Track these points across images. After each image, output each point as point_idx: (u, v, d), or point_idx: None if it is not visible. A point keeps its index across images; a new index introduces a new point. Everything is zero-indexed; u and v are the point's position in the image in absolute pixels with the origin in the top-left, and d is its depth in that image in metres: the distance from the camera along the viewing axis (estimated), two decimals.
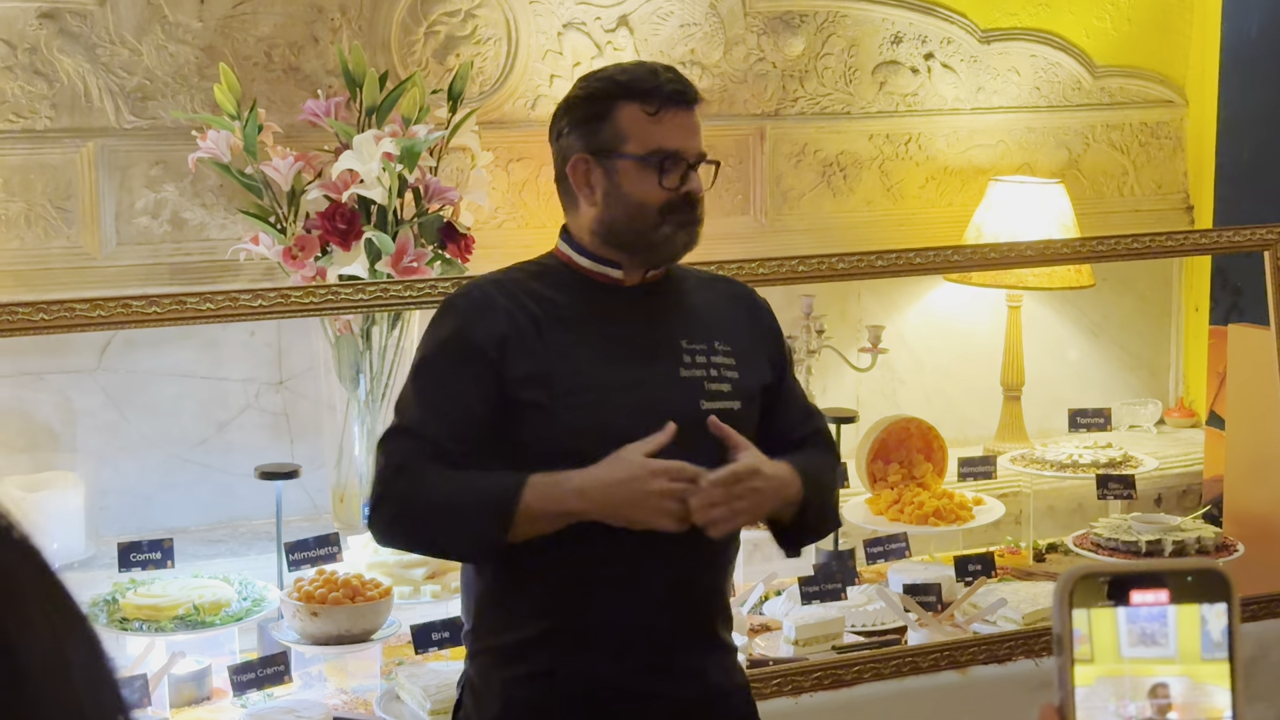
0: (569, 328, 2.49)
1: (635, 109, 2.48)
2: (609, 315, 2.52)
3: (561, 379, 2.45)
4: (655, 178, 2.48)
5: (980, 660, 3.48)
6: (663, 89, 2.48)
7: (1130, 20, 5.02)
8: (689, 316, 2.57)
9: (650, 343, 2.52)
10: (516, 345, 2.45)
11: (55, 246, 3.86)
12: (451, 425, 2.43)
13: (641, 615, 2.47)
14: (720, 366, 2.54)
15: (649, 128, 2.48)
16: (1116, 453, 4.28)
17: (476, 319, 2.47)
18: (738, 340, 2.59)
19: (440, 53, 4.18)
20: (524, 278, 2.55)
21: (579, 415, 2.44)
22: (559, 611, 2.46)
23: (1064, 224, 4.61)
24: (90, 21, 3.85)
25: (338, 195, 3.71)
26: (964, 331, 4.85)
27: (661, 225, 2.48)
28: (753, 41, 4.53)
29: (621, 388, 2.47)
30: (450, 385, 2.45)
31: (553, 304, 2.50)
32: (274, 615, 3.27)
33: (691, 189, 2.50)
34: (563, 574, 2.44)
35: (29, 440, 3.85)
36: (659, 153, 2.48)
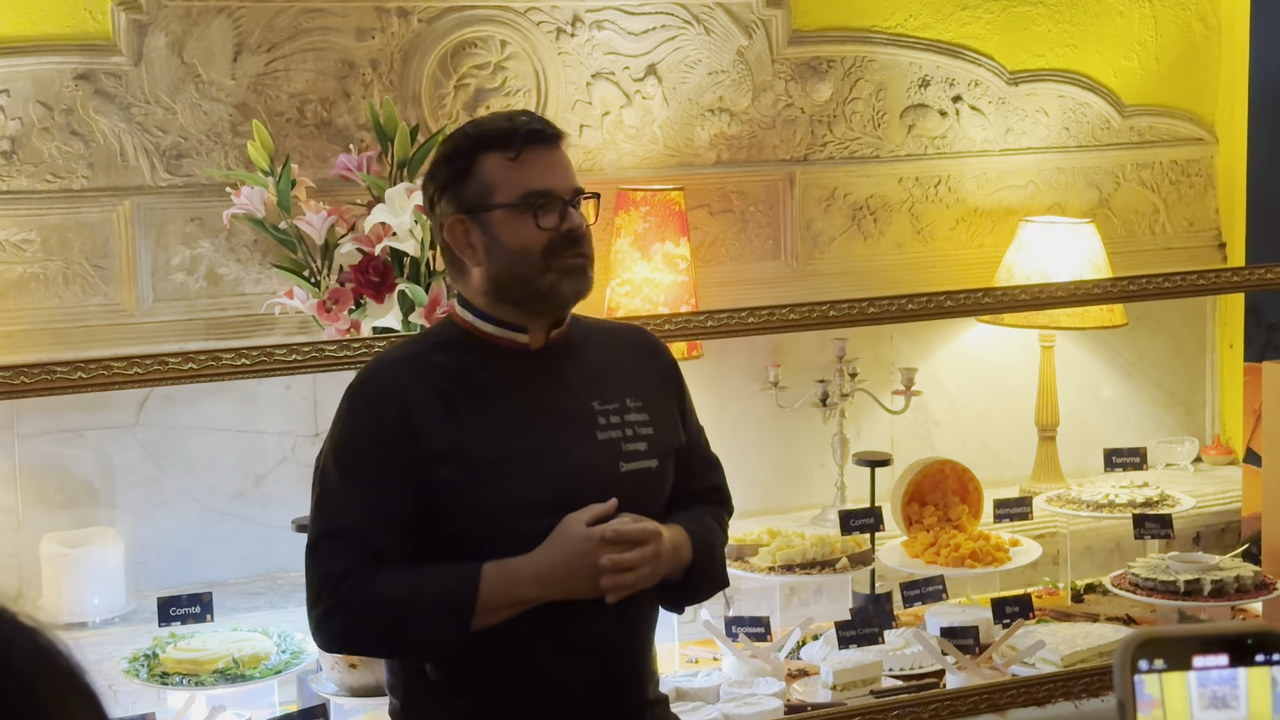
0: (479, 400, 2.43)
1: (496, 157, 2.44)
2: (518, 383, 2.46)
3: (478, 454, 2.39)
4: (531, 221, 2.43)
5: (1019, 703, 3.47)
6: (519, 131, 2.44)
7: (1158, 59, 5.02)
8: (597, 376, 2.52)
9: (562, 408, 2.47)
10: (428, 424, 2.39)
11: (93, 304, 3.90)
12: (381, 520, 2.38)
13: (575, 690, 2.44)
14: (634, 425, 2.50)
15: (513, 172, 2.43)
16: (1153, 492, 4.26)
17: (385, 404, 2.41)
18: (647, 394, 2.54)
19: (471, 105, 4.21)
20: (425, 350, 2.49)
21: (500, 490, 2.39)
22: (492, 691, 2.43)
23: (1096, 263, 4.61)
24: (125, 82, 3.90)
25: (371, 248, 3.74)
26: (997, 372, 4.85)
27: (546, 272, 2.43)
28: (781, 88, 4.56)
29: (539, 457, 2.42)
30: (372, 478, 2.39)
31: (459, 376, 2.44)
32: (313, 667, 3.28)
33: (572, 225, 2.45)
34: (491, 654, 2.40)
35: (69, 496, 3.88)
36: (529, 195, 2.43)
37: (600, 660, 2.46)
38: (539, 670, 2.42)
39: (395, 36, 4.13)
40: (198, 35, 3.94)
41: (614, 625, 2.45)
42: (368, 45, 4.10)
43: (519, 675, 2.42)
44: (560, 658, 2.42)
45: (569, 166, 2.50)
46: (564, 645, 2.42)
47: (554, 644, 2.42)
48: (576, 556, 2.36)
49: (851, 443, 4.40)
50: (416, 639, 2.37)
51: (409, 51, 4.14)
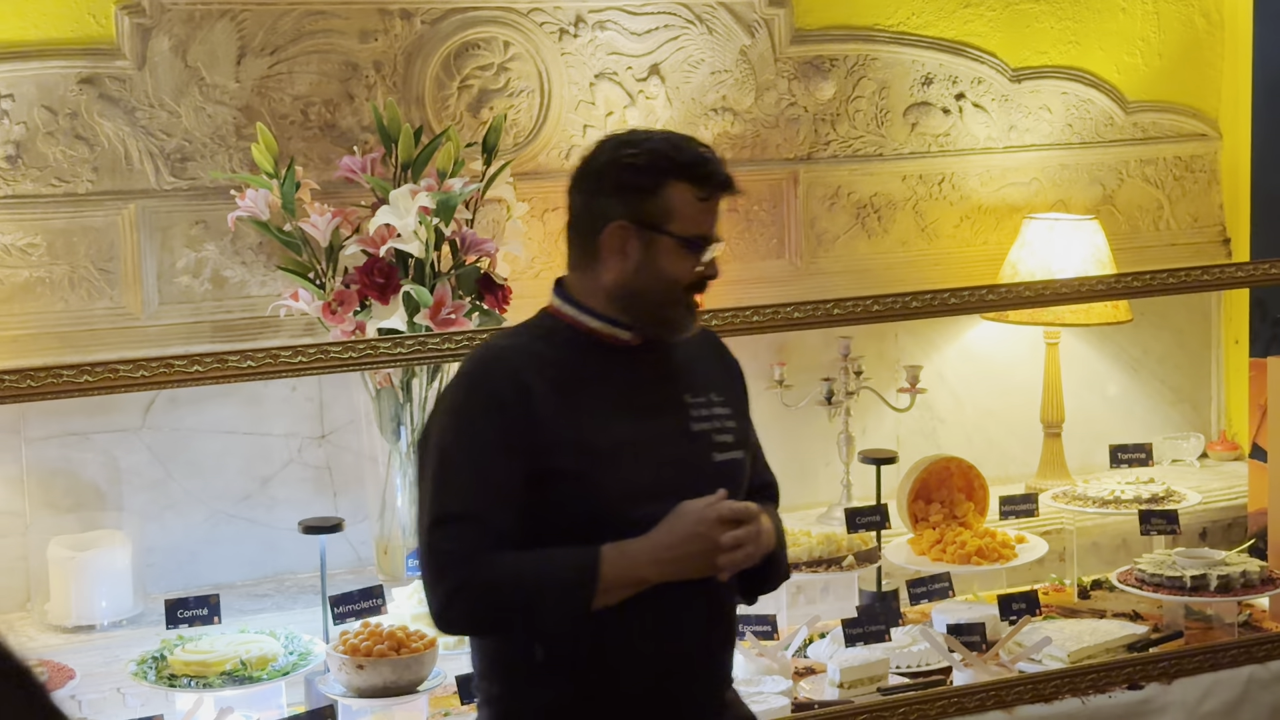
0: (590, 390, 2.50)
1: (687, 190, 2.49)
2: (620, 376, 2.53)
3: (591, 443, 2.45)
4: (692, 260, 2.51)
5: (1026, 699, 3.47)
6: (716, 176, 2.52)
7: (1161, 55, 5.02)
8: (685, 371, 2.60)
9: (660, 400, 2.55)
10: (545, 412, 2.44)
11: (99, 308, 3.91)
12: (502, 503, 2.42)
13: (677, 665, 2.50)
14: (720, 418, 2.58)
15: (697, 211, 2.51)
16: (1159, 488, 4.26)
17: (505, 389, 2.45)
18: (725, 390, 2.63)
19: (474, 106, 4.22)
20: (530, 341, 2.54)
21: (614, 476, 2.45)
22: (595, 670, 2.47)
23: (1100, 260, 4.61)
24: (129, 85, 3.90)
25: (375, 250, 3.74)
26: (1002, 369, 4.85)
27: (679, 304, 2.53)
28: (784, 87, 4.56)
29: (647, 445, 2.49)
30: (488, 462, 2.43)
31: (566, 367, 2.50)
32: (320, 669, 3.29)
33: (712, 272, 2.56)
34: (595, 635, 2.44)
35: (76, 500, 3.89)
36: (701, 238, 2.51)
37: (696, 643, 2.53)
38: (638, 651, 2.48)
39: (398, 38, 4.13)
40: (201, 38, 3.95)
41: (709, 610, 2.54)
42: (371, 47, 4.11)
43: (620, 656, 2.48)
44: (658, 640, 2.49)
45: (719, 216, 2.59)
46: (663, 628, 2.48)
47: (655, 627, 2.48)
48: (695, 537, 2.43)
49: (857, 440, 4.40)
50: (541, 619, 2.42)
51: (412, 53, 4.15)
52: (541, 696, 2.50)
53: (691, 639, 2.51)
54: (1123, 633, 3.75)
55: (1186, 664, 3.61)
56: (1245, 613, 3.91)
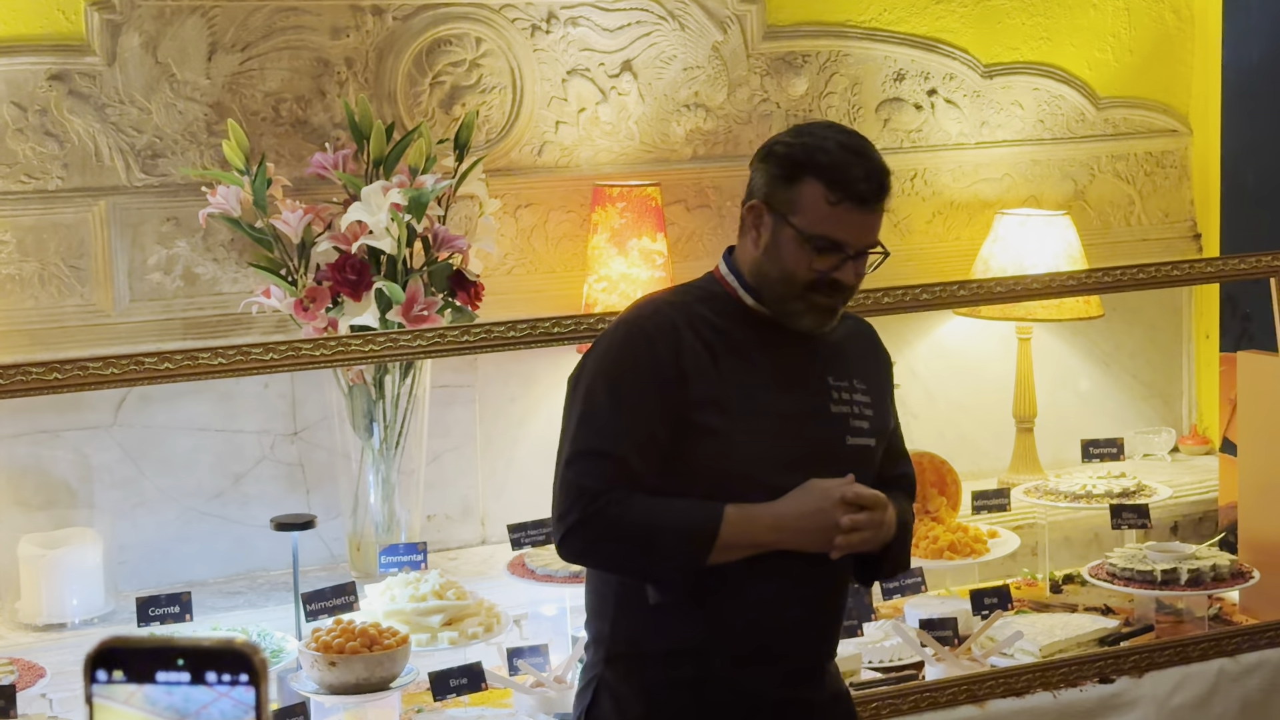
0: (741, 356, 2.57)
1: (819, 188, 2.53)
2: (772, 347, 2.60)
3: (736, 404, 2.53)
4: (810, 257, 2.54)
5: (998, 694, 3.48)
6: (852, 186, 2.53)
7: (1132, 51, 5.04)
8: (834, 355, 2.66)
9: (805, 377, 2.61)
10: (694, 369, 2.53)
11: (69, 305, 3.90)
12: (641, 448, 2.51)
13: (789, 631, 2.59)
14: (860, 404, 2.65)
15: (824, 212, 2.53)
16: (1130, 482, 4.28)
17: (661, 340, 2.54)
18: (870, 379, 2.70)
19: (446, 102, 4.21)
20: (693, 302, 2.62)
21: (750, 441, 2.53)
22: (708, 623, 2.55)
23: (1071, 255, 4.62)
24: (99, 82, 3.89)
25: (347, 246, 3.73)
26: (975, 364, 4.86)
27: (798, 300, 2.56)
28: (756, 83, 4.57)
29: (787, 417, 2.57)
30: (635, 406, 2.52)
31: (724, 332, 2.58)
32: (293, 666, 3.28)
33: (841, 277, 2.56)
34: (713, 587, 2.53)
35: (47, 498, 3.87)
36: (822, 240, 2.53)
37: (806, 613, 2.60)
38: (747, 612, 2.55)
39: (370, 34, 4.13)
40: (172, 35, 3.94)
41: (825, 584, 2.62)
42: (342, 43, 4.10)
43: (730, 614, 2.54)
44: (773, 605, 2.56)
45: (873, 228, 2.58)
46: (780, 594, 2.55)
47: (771, 591, 2.55)
48: (817, 513, 2.52)
49: None
50: (657, 562, 2.50)
51: (384, 49, 4.14)
52: (649, 641, 2.57)
53: (799, 609, 2.58)
54: (1094, 627, 3.77)
55: (1157, 658, 3.63)
56: (1216, 606, 3.93)
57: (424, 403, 3.92)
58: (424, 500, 4.00)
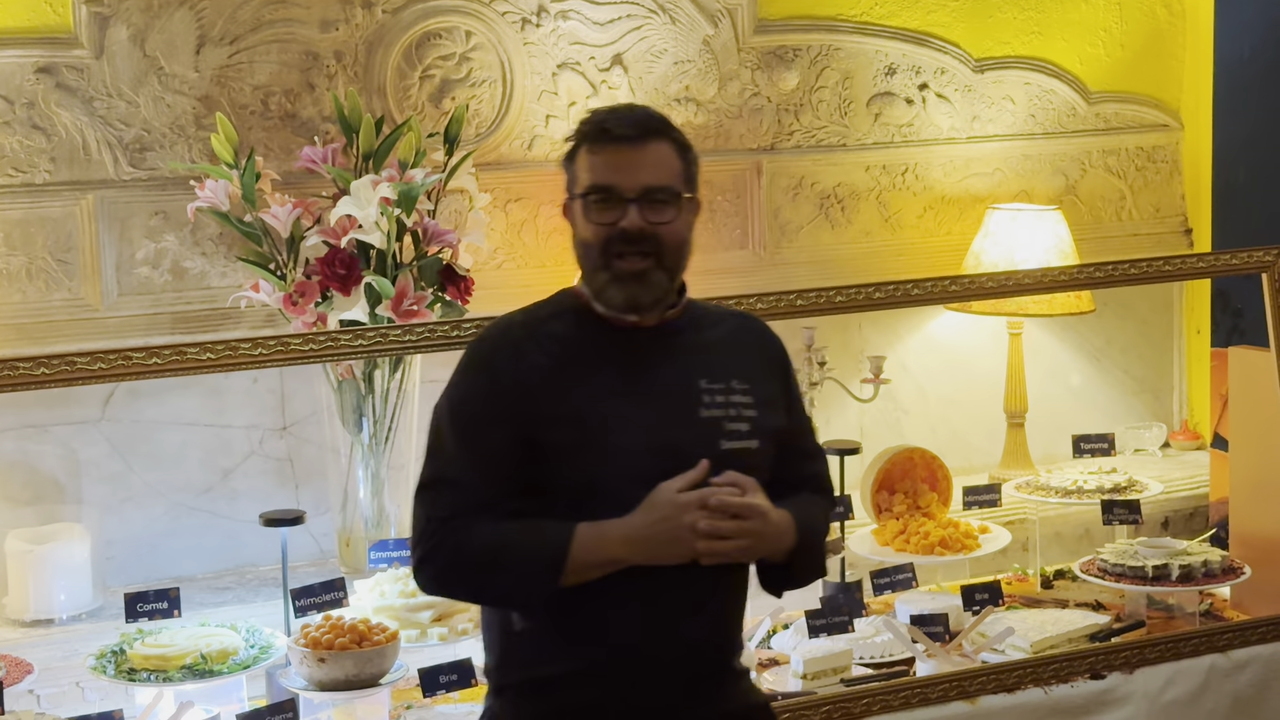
0: (592, 368, 2.51)
1: (585, 152, 2.51)
2: (627, 357, 2.53)
3: (586, 420, 2.47)
4: (589, 215, 2.49)
5: (989, 690, 3.47)
6: (604, 128, 2.49)
7: (1123, 46, 5.03)
8: (707, 356, 2.58)
9: (669, 384, 2.53)
10: (540, 387, 2.47)
11: (57, 299, 3.88)
12: (487, 472, 2.46)
13: (669, 649, 2.49)
14: (739, 406, 2.55)
15: (589, 165, 2.50)
16: (1121, 477, 4.27)
17: (502, 362, 2.50)
18: (754, 378, 2.60)
19: (436, 96, 4.20)
20: (543, 318, 2.57)
21: (604, 456, 2.46)
22: (587, 647, 2.48)
23: (1063, 250, 4.62)
24: (87, 75, 3.87)
25: (336, 241, 3.72)
26: (966, 359, 4.86)
27: (604, 270, 2.49)
28: (747, 77, 4.55)
29: (643, 429, 2.49)
30: (483, 432, 2.47)
31: (573, 344, 2.52)
32: (282, 662, 3.27)
33: (626, 225, 2.47)
34: (591, 609, 2.46)
35: (34, 493, 3.86)
36: (592, 189, 2.48)
37: (684, 628, 2.50)
38: (623, 633, 2.48)
39: (359, 28, 4.11)
40: (160, 28, 3.92)
41: (701, 596, 2.51)
42: (332, 37, 4.08)
43: (603, 636, 2.48)
44: (645, 622, 2.48)
45: (647, 166, 2.49)
46: (649, 611, 2.48)
47: (639, 608, 2.47)
48: (665, 520, 2.42)
49: (821, 431, 4.37)
50: (507, 587, 2.45)
51: (373, 43, 4.12)
52: (529, 670, 2.52)
53: (674, 624, 2.49)
54: (1085, 622, 3.76)
55: (1148, 653, 3.62)
56: (1207, 602, 3.92)
57: (414, 398, 3.90)
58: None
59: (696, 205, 2.57)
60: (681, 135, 2.56)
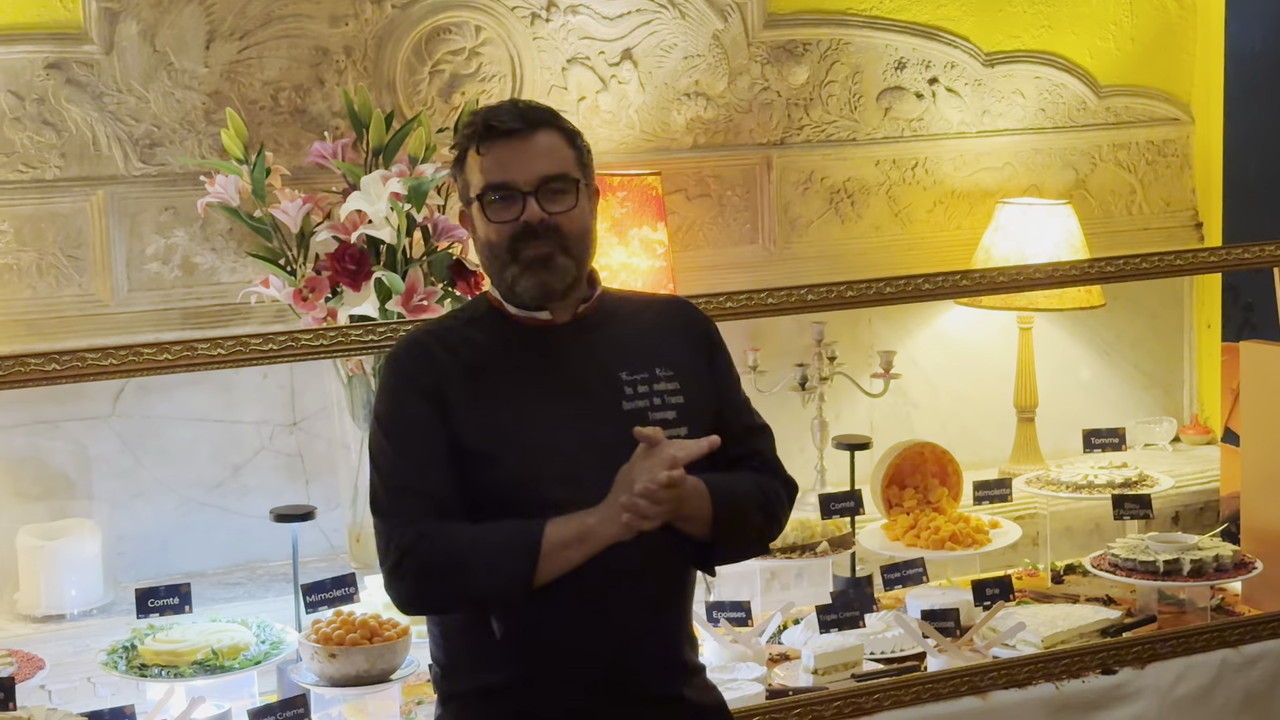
0: (507, 372, 2.50)
1: (472, 153, 2.51)
2: (543, 357, 2.52)
3: (501, 424, 2.46)
4: (488, 216, 2.48)
5: (1000, 685, 3.47)
6: (484, 124, 2.49)
7: (1134, 40, 5.02)
8: (626, 347, 2.56)
9: (588, 379, 2.52)
10: (453, 395, 2.47)
11: (67, 295, 3.88)
12: (433, 476, 2.46)
13: (613, 649, 2.48)
14: (664, 394, 2.53)
15: (479, 167, 2.49)
16: (1132, 472, 4.27)
17: (416, 369, 2.50)
18: (679, 363, 2.57)
19: (446, 91, 4.19)
20: (458, 325, 2.57)
21: (524, 459, 2.45)
22: (530, 652, 2.47)
23: (1073, 244, 4.61)
24: (97, 70, 3.87)
25: (346, 236, 3.72)
26: (976, 354, 4.85)
27: (511, 265, 2.48)
28: (757, 71, 4.55)
29: (563, 427, 2.47)
30: (421, 435, 2.47)
31: (485, 350, 2.51)
32: (293, 658, 3.27)
33: (527, 218, 2.46)
34: (533, 615, 2.44)
35: (45, 488, 3.86)
36: (487, 189, 2.48)
37: (624, 631, 2.49)
38: (565, 638, 2.46)
39: (369, 23, 4.11)
40: (169, 23, 3.91)
41: (644, 598, 2.50)
42: (341, 32, 4.08)
43: (540, 642, 2.46)
44: (587, 628, 2.46)
45: (540, 155, 2.48)
46: (591, 615, 2.46)
47: (581, 613, 2.45)
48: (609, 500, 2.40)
49: (831, 426, 4.39)
50: (484, 585, 2.41)
51: (383, 38, 4.12)
52: (471, 679, 2.51)
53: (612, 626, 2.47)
54: (1096, 618, 3.76)
55: (1160, 648, 3.62)
56: (1218, 597, 3.92)
57: None
58: None
59: (595, 192, 2.57)
60: (568, 123, 2.56)
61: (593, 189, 2.57)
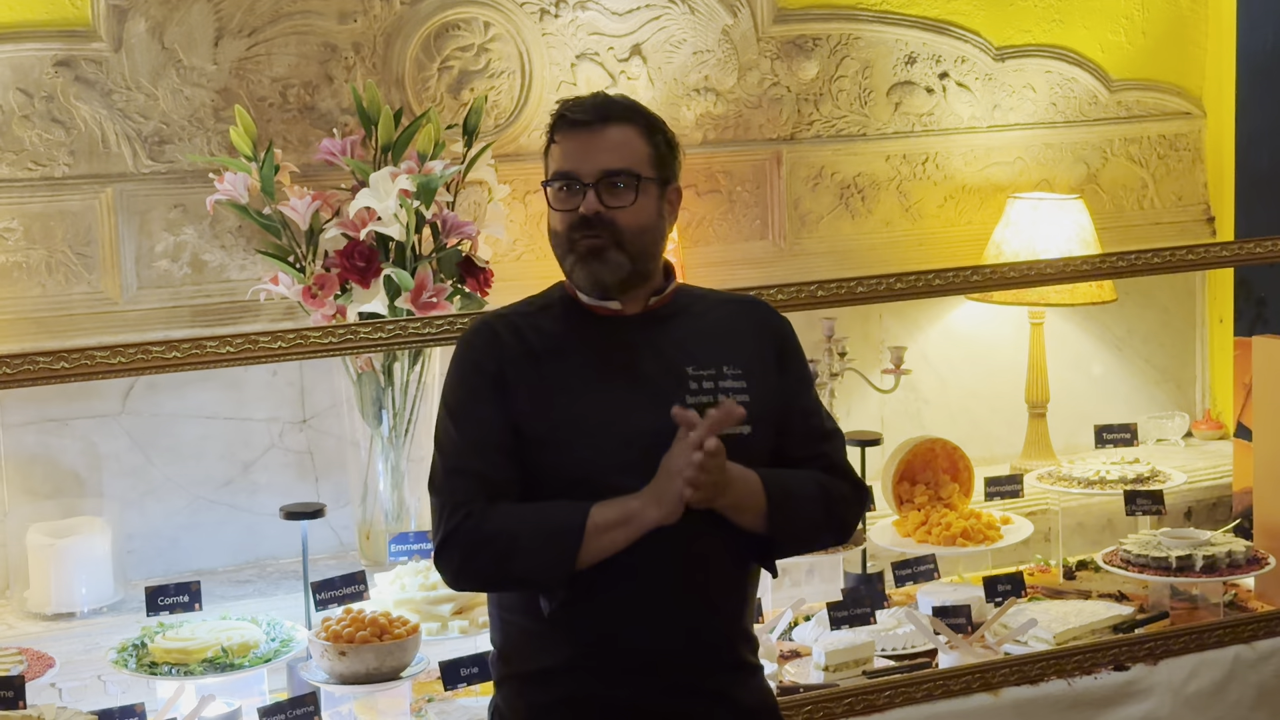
0: (568, 360, 2.52)
1: (553, 139, 2.54)
2: (610, 347, 2.53)
3: (561, 410, 2.48)
4: (559, 203, 2.51)
5: (1012, 682, 3.46)
6: (562, 116, 2.52)
7: (1145, 34, 5.01)
8: (696, 342, 2.56)
9: (653, 372, 2.52)
10: (517, 378, 2.49)
11: (77, 292, 3.88)
12: (492, 460, 2.48)
13: (666, 640, 2.49)
14: (730, 391, 2.53)
15: (554, 155, 2.53)
16: (1144, 468, 4.25)
17: (482, 354, 2.53)
18: (748, 362, 2.57)
19: (455, 87, 4.19)
20: (530, 311, 2.59)
21: (580, 445, 2.47)
22: (585, 638, 2.48)
23: (1084, 239, 4.59)
24: (105, 68, 3.87)
25: (356, 233, 3.71)
26: (987, 349, 4.84)
27: (570, 253, 2.51)
28: (766, 66, 4.54)
29: (623, 417, 2.48)
30: (481, 418, 2.50)
31: (554, 337, 2.53)
32: (303, 655, 3.27)
33: (584, 210, 2.48)
34: (587, 601, 2.45)
35: (55, 486, 3.86)
36: (555, 176, 2.51)
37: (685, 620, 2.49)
38: (622, 624, 2.47)
39: (378, 19, 4.10)
40: (178, 20, 3.91)
41: (703, 588, 2.50)
42: (350, 28, 4.07)
43: (595, 626, 2.47)
44: (645, 615, 2.47)
45: (605, 149, 2.50)
46: (649, 602, 2.46)
47: (639, 600, 2.46)
48: (668, 473, 2.40)
49: (842, 422, 4.36)
50: (529, 565, 2.44)
51: (392, 34, 4.11)
52: (526, 662, 2.52)
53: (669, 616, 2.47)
54: (1108, 614, 3.74)
55: (1172, 644, 3.61)
56: (1231, 593, 3.90)
57: (433, 390, 3.90)
58: None
59: (675, 190, 2.57)
60: (652, 118, 2.55)
61: (671, 187, 2.57)
